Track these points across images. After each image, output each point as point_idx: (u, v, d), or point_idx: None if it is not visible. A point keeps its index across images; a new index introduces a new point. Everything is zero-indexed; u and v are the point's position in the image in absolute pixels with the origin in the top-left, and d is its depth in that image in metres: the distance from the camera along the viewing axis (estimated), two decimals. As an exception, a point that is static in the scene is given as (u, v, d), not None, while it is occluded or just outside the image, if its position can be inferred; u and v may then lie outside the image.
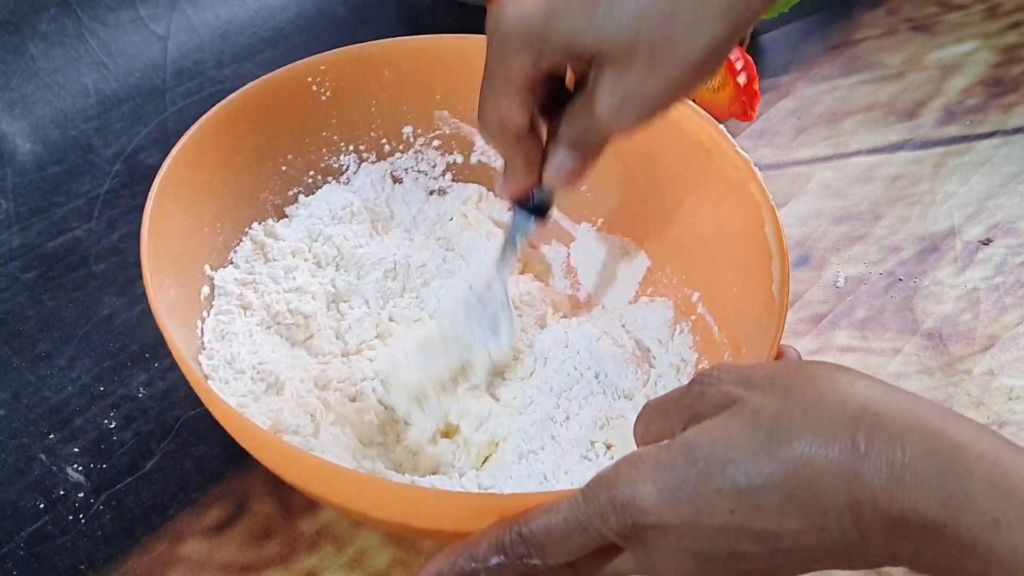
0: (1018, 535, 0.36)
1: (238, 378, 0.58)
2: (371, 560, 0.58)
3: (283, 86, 0.66)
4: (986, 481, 0.36)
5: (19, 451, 0.62)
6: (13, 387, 0.65)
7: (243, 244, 0.65)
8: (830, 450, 0.38)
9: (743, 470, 0.39)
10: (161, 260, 0.56)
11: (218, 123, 0.62)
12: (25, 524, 0.58)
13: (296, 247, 0.65)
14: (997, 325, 0.72)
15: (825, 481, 0.38)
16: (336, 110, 0.68)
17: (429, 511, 0.48)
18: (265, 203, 0.67)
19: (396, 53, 0.68)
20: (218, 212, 0.63)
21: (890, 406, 0.39)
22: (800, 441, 0.38)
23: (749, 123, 0.84)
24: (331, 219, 0.67)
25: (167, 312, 0.53)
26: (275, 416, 0.56)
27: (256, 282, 0.63)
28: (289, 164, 0.68)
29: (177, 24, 0.88)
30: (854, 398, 0.39)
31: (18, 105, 0.80)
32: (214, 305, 0.61)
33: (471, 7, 0.95)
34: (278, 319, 0.62)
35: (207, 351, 0.58)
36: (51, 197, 0.76)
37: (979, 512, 0.36)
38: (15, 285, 0.70)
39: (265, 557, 0.58)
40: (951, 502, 0.36)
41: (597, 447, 0.58)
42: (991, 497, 0.36)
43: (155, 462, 0.62)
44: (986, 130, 0.87)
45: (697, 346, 0.63)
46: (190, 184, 0.60)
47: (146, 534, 0.59)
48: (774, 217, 0.58)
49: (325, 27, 0.92)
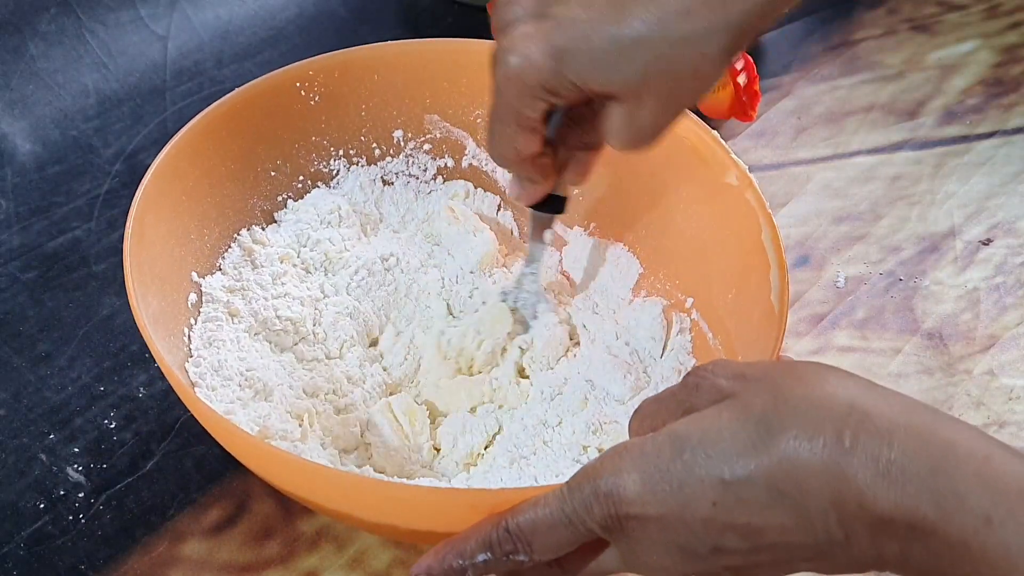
0: (1011, 533, 0.35)
1: (226, 385, 0.57)
2: (371, 560, 0.58)
3: (271, 91, 0.66)
4: (977, 477, 0.36)
5: (19, 451, 0.62)
6: (13, 387, 0.65)
7: (231, 250, 0.64)
8: (815, 444, 0.38)
9: (728, 462, 0.39)
10: (146, 268, 0.56)
11: (203, 130, 0.62)
12: (25, 524, 0.58)
13: (284, 253, 0.65)
14: (997, 325, 0.72)
15: (810, 476, 0.38)
16: (325, 115, 0.68)
17: (417, 510, 0.48)
18: (254, 209, 0.67)
19: (385, 57, 0.68)
20: (205, 219, 0.63)
21: (879, 404, 0.38)
22: (787, 435, 0.38)
23: (749, 123, 0.84)
24: (319, 223, 0.67)
25: (152, 320, 0.53)
26: (262, 422, 0.56)
27: (244, 288, 0.63)
28: (278, 169, 0.68)
29: (177, 24, 0.88)
30: (843, 395, 0.39)
31: (18, 105, 0.80)
32: (201, 312, 0.61)
33: (470, 7, 0.95)
34: (266, 325, 0.62)
35: (194, 358, 0.58)
36: (51, 197, 0.76)
37: (970, 510, 0.36)
38: (15, 285, 0.70)
39: (265, 557, 0.58)
40: (941, 500, 0.36)
41: (590, 451, 0.58)
42: (983, 495, 0.36)
43: (155, 462, 0.62)
44: (986, 130, 0.87)
45: (694, 353, 0.63)
46: (175, 193, 0.60)
47: (146, 534, 0.59)
48: (771, 224, 0.58)
49: (325, 27, 0.92)
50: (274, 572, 0.57)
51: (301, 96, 0.67)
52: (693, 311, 0.64)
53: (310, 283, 0.65)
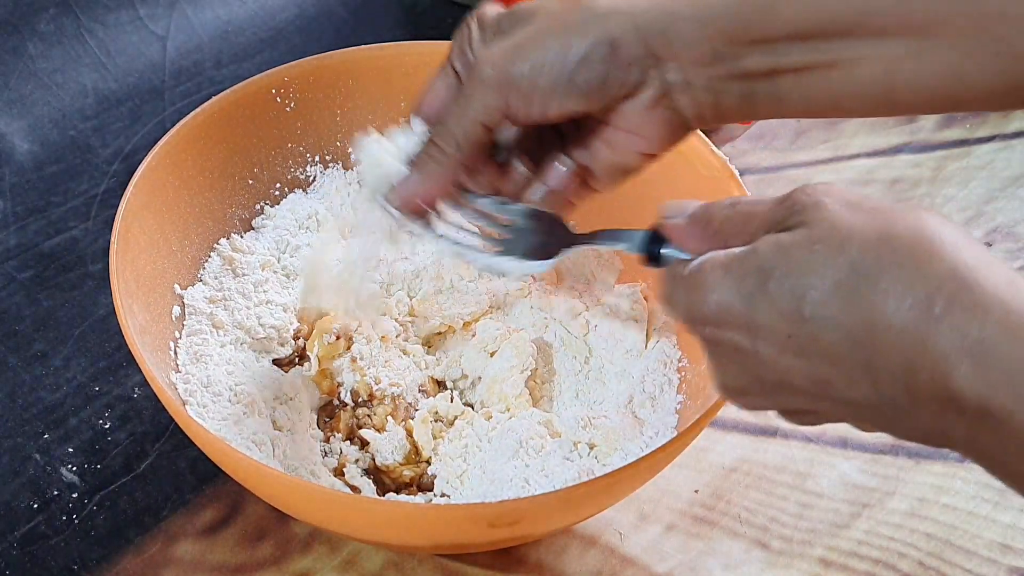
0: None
1: (216, 401, 0.57)
2: (364, 562, 0.58)
3: (247, 99, 0.66)
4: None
5: (13, 451, 0.62)
6: (8, 387, 0.65)
7: (211, 260, 0.64)
8: (901, 303, 0.35)
9: (812, 300, 0.37)
10: (132, 283, 0.56)
11: (182, 140, 0.62)
12: (19, 524, 0.59)
13: (265, 260, 0.65)
14: (995, 329, 0.71)
15: (888, 334, 0.36)
16: (301, 121, 0.68)
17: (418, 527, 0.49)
18: (232, 218, 0.67)
19: (359, 62, 0.68)
20: (185, 230, 0.63)
21: (985, 275, 0.35)
22: (878, 285, 0.36)
23: (748, 126, 0.84)
24: (298, 228, 0.67)
25: (139, 335, 0.53)
26: (254, 438, 0.56)
27: (226, 299, 0.62)
28: (256, 177, 0.68)
29: (176, 24, 0.88)
30: (950, 257, 0.36)
31: (17, 105, 0.80)
32: (186, 325, 0.60)
33: (469, 8, 0.95)
34: (251, 333, 0.62)
35: (183, 374, 0.58)
36: (49, 197, 0.76)
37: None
38: (11, 284, 0.70)
39: (258, 558, 0.58)
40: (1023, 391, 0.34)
41: (580, 447, 0.58)
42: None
43: (149, 463, 0.62)
44: (986, 134, 0.86)
45: (679, 345, 0.63)
46: (155, 205, 0.60)
47: (140, 535, 0.59)
48: None
49: (325, 27, 0.92)
50: (267, 573, 0.57)
51: (277, 103, 0.67)
52: None
53: (292, 289, 0.65)
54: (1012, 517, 0.61)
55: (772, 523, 0.60)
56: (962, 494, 0.62)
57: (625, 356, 0.63)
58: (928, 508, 0.61)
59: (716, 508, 0.61)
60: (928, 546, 0.59)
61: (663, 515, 0.61)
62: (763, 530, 0.60)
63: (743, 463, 0.63)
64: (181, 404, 0.55)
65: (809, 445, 0.64)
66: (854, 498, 0.62)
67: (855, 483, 0.62)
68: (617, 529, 0.60)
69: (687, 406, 0.60)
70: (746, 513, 0.61)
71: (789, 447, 0.64)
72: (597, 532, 0.60)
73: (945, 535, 0.60)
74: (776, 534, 0.60)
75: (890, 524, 0.60)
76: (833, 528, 0.60)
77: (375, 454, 0.58)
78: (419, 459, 0.59)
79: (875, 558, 0.59)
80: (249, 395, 0.58)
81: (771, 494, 0.62)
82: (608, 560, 0.59)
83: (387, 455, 0.58)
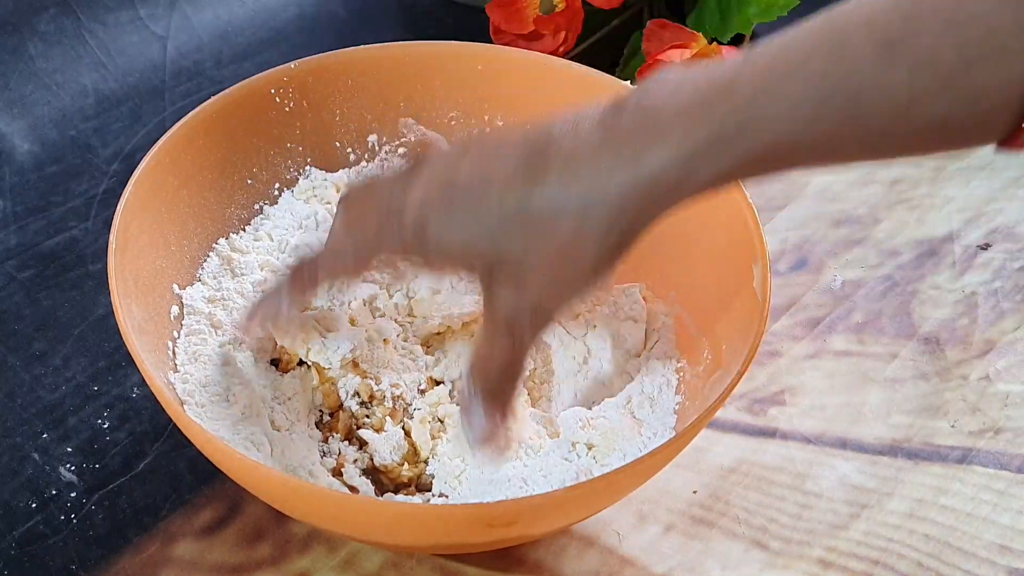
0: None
1: (214, 401, 0.57)
2: (363, 562, 0.58)
3: (247, 99, 0.66)
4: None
5: (12, 450, 0.62)
6: (7, 386, 0.65)
7: (210, 260, 0.64)
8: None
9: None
10: (131, 283, 0.56)
11: (182, 139, 0.62)
12: (17, 523, 0.59)
13: (264, 260, 0.65)
14: (994, 330, 0.71)
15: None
16: (300, 120, 0.68)
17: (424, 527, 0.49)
18: (231, 217, 0.67)
19: (358, 62, 0.68)
20: (184, 229, 0.63)
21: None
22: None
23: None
24: (297, 228, 0.67)
25: (137, 335, 0.53)
26: (252, 438, 0.56)
27: (224, 299, 0.62)
28: (255, 177, 0.68)
29: (176, 24, 0.88)
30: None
31: (17, 105, 0.80)
32: (184, 325, 0.60)
33: (470, 8, 0.95)
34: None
35: (181, 373, 0.58)
36: (49, 197, 0.76)
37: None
38: (11, 284, 0.70)
39: (257, 558, 0.58)
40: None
41: (579, 448, 0.58)
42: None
43: (148, 462, 0.62)
44: (986, 134, 0.86)
45: (678, 345, 0.63)
46: (154, 205, 0.60)
47: (138, 534, 0.59)
48: (752, 213, 0.58)
49: (325, 28, 0.93)
50: (265, 573, 0.57)
51: (276, 103, 0.67)
52: (675, 304, 0.64)
53: None
54: (1011, 518, 0.61)
55: (771, 524, 0.60)
56: (961, 495, 0.62)
57: (624, 356, 0.63)
58: (927, 509, 0.61)
59: (715, 509, 0.61)
60: (927, 547, 0.59)
61: (662, 515, 0.61)
62: (762, 531, 0.60)
63: (742, 464, 0.63)
64: (179, 404, 0.55)
65: (808, 446, 0.64)
66: (853, 499, 0.62)
67: (854, 484, 0.62)
68: (616, 529, 0.60)
69: (685, 407, 0.60)
70: (745, 514, 0.61)
71: (788, 448, 0.64)
72: (596, 532, 0.60)
73: (944, 536, 0.60)
74: (775, 535, 0.60)
75: (889, 525, 0.60)
76: (832, 529, 0.60)
77: (373, 454, 0.58)
78: (417, 459, 0.59)
79: (874, 559, 0.59)
80: (247, 395, 0.58)
81: (770, 495, 0.62)
82: (607, 560, 0.59)
83: (385, 455, 0.58)
